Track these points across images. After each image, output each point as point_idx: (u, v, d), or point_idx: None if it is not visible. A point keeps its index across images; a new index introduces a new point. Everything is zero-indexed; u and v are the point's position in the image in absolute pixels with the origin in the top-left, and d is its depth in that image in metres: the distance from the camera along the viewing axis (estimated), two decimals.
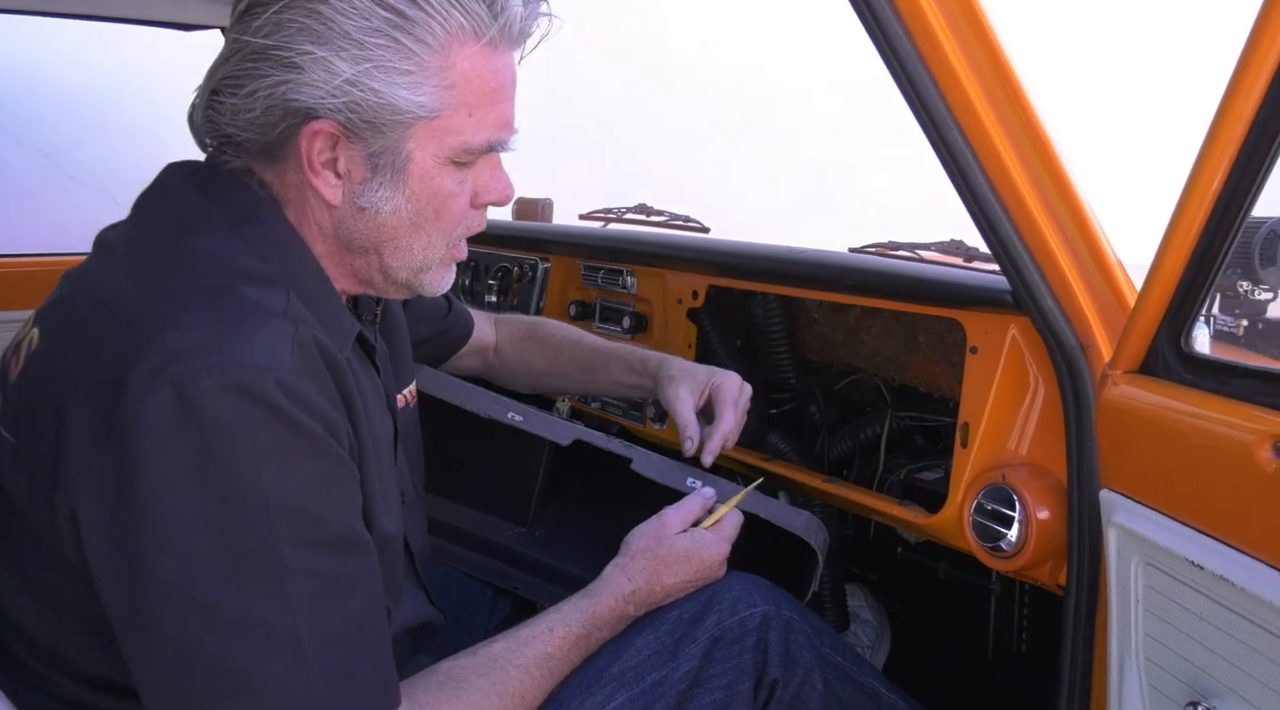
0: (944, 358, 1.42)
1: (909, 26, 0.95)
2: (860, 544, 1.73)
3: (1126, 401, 0.95)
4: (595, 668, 1.01)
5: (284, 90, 0.80)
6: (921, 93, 0.97)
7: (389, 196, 0.86)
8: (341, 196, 0.86)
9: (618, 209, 2.08)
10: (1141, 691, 0.92)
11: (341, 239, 0.89)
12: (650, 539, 1.08)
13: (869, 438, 1.55)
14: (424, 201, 0.87)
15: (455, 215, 0.90)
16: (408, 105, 0.82)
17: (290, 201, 0.87)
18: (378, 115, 0.82)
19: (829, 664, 1.09)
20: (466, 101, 0.85)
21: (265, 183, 0.87)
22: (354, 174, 0.85)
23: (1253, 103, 0.78)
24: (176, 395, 0.72)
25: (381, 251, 0.89)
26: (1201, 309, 0.90)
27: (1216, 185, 0.83)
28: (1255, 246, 0.99)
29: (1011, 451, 1.18)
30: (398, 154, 0.84)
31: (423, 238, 0.89)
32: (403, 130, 0.83)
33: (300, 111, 0.81)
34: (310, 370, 0.78)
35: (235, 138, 0.84)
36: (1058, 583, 1.11)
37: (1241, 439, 0.79)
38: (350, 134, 0.83)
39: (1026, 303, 1.05)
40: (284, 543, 0.74)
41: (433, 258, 0.91)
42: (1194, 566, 0.83)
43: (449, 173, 0.88)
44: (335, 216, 0.87)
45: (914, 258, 1.49)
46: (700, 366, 1.32)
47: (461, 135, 0.86)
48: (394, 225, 0.88)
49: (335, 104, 0.81)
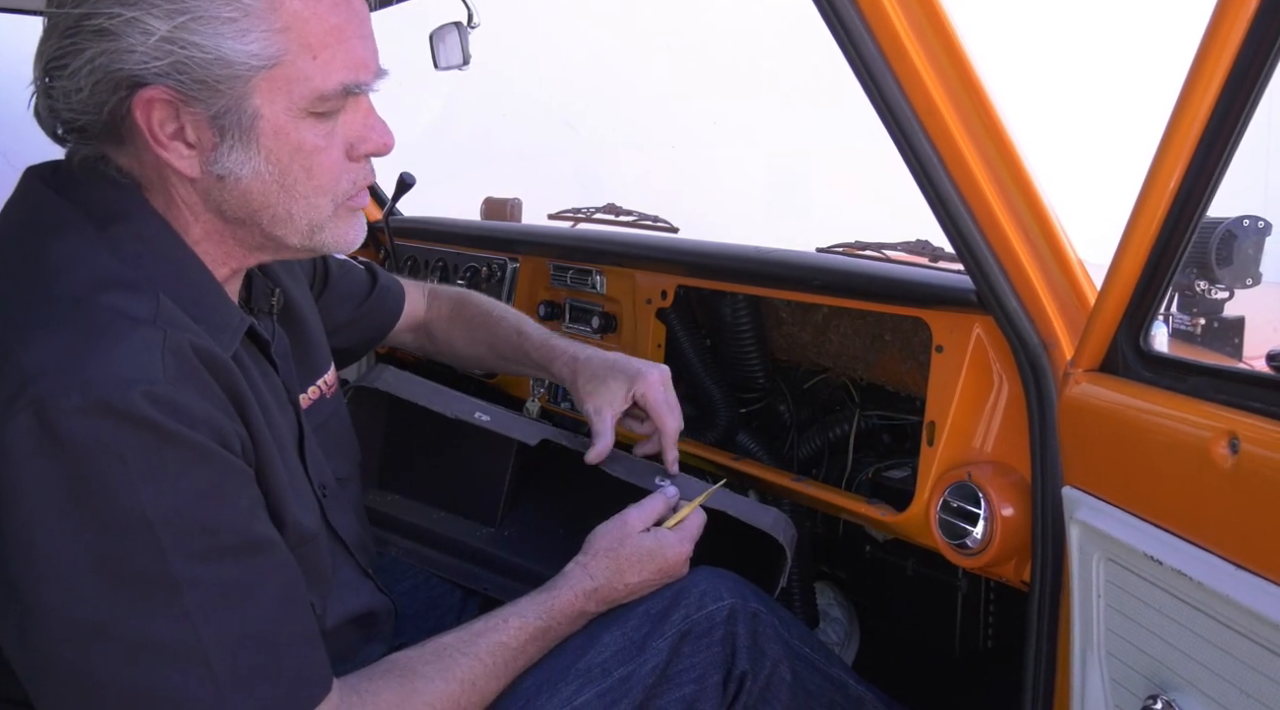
0: (910, 357, 1.43)
1: (873, 29, 0.95)
2: (829, 542, 1.74)
3: (1087, 399, 0.96)
4: (561, 663, 1.00)
5: (104, 61, 0.74)
6: (886, 95, 0.98)
7: (244, 159, 0.79)
8: (198, 167, 0.79)
9: (586, 209, 2.08)
10: (1103, 685, 0.93)
11: (216, 211, 0.82)
12: (613, 538, 1.07)
13: (837, 437, 1.56)
14: (286, 160, 0.80)
15: (330, 171, 0.83)
16: (238, 56, 0.75)
17: (152, 183, 0.81)
18: (208, 72, 0.75)
19: (797, 655, 1.09)
20: (308, 44, 0.77)
21: (123, 168, 0.81)
22: (203, 141, 0.78)
23: (1207, 104, 0.79)
24: (37, 419, 0.68)
25: (259, 221, 0.83)
26: (1159, 308, 0.91)
27: (1173, 186, 0.84)
28: (1211, 246, 1.01)
29: (977, 449, 1.19)
30: (242, 112, 0.77)
31: (299, 201, 0.82)
32: (241, 85, 0.76)
33: (125, 81, 0.75)
34: (187, 376, 0.74)
35: (75, 122, 0.78)
36: (1022, 579, 1.12)
37: (1198, 436, 0.80)
38: (186, 98, 0.76)
39: (990, 302, 1.06)
40: (173, 558, 0.71)
41: (320, 218, 0.85)
42: (1153, 562, 0.84)
43: (309, 126, 0.80)
44: (200, 189, 0.81)
45: (881, 257, 1.50)
46: (615, 367, 1.25)
47: (310, 82, 0.78)
48: (261, 190, 0.81)
49: (159, 67, 0.74)
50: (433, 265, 2.21)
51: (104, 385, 0.70)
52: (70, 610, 0.70)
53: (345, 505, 1.08)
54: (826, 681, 1.12)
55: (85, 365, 0.70)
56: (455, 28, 1.81)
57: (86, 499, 0.69)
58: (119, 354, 0.71)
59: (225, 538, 0.75)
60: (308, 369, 1.05)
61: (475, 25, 1.80)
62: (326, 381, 1.08)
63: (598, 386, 1.24)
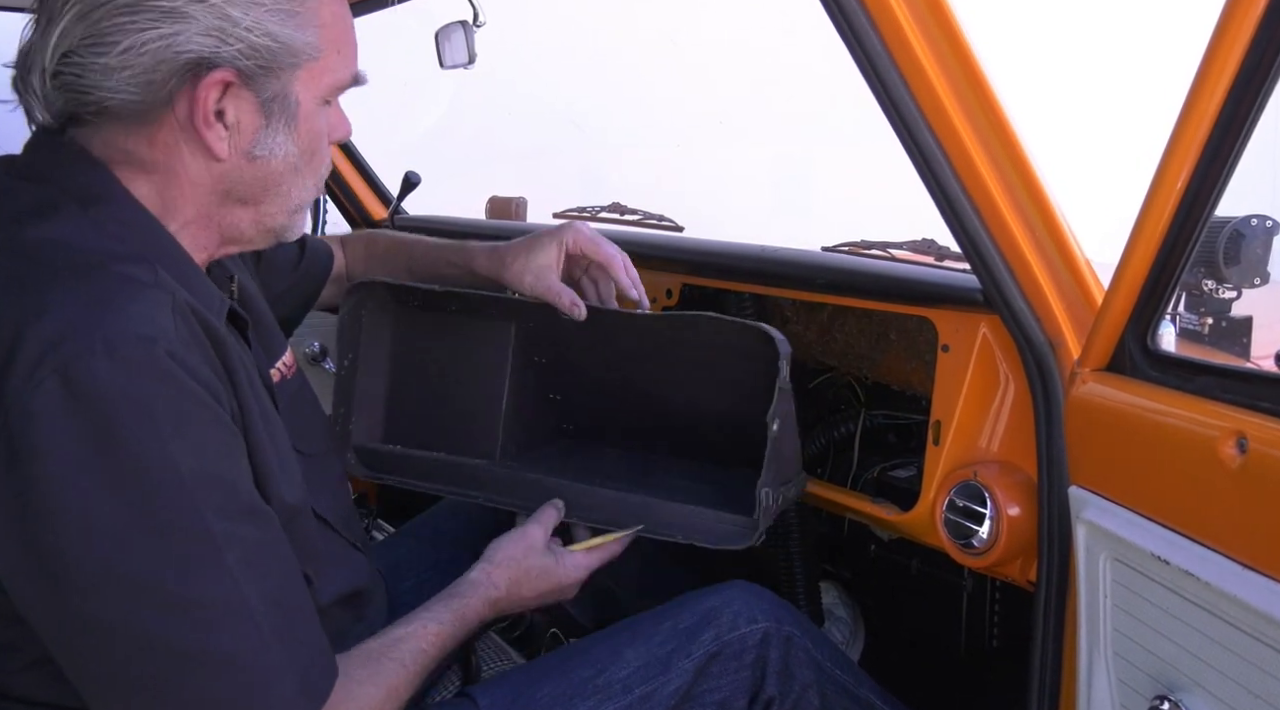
0: (916, 356, 1.43)
1: (879, 26, 0.95)
2: (834, 542, 1.73)
3: (1094, 399, 0.96)
4: (580, 676, 1.00)
5: (175, 41, 0.77)
6: (892, 92, 0.98)
7: (283, 142, 0.85)
8: (229, 149, 0.83)
9: (591, 208, 2.07)
10: (1110, 686, 0.93)
11: (219, 194, 0.86)
12: (516, 549, 1.09)
13: (842, 436, 1.56)
14: (307, 145, 0.87)
15: (323, 155, 0.91)
16: (301, 46, 0.82)
17: (158, 165, 0.83)
18: (274, 59, 0.81)
19: (828, 678, 1.09)
20: (335, 40, 0.86)
21: (129, 149, 0.82)
22: (244, 123, 0.83)
23: (1216, 103, 0.79)
24: (63, 382, 0.69)
25: (262, 200, 0.88)
26: (1167, 307, 0.91)
27: (1181, 185, 0.84)
28: (1219, 246, 1.00)
29: (983, 449, 1.19)
30: (288, 98, 0.84)
31: (300, 181, 0.89)
32: (291, 73, 0.83)
33: (193, 62, 0.78)
34: (192, 338, 0.76)
35: (103, 102, 0.79)
36: (1028, 579, 1.12)
37: (1206, 435, 0.80)
38: (246, 81, 0.81)
39: (997, 301, 1.05)
40: (207, 513, 0.72)
41: (305, 200, 0.91)
42: (1161, 562, 0.84)
43: (322, 113, 0.89)
44: (217, 171, 0.84)
45: (886, 256, 1.49)
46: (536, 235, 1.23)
47: (335, 74, 0.87)
48: (281, 171, 0.87)
49: (231, 52, 0.79)
50: None
51: (125, 342, 0.71)
52: (115, 568, 0.70)
53: (322, 481, 1.08)
54: (855, 704, 1.12)
55: (103, 325, 0.71)
56: (461, 26, 1.81)
57: (119, 455, 0.70)
58: (134, 313, 0.73)
59: (243, 499, 0.77)
60: (268, 352, 1.06)
61: (481, 24, 1.80)
62: (285, 363, 1.09)
63: (528, 257, 1.22)
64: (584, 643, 1.07)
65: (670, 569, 1.50)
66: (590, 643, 1.07)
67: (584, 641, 1.08)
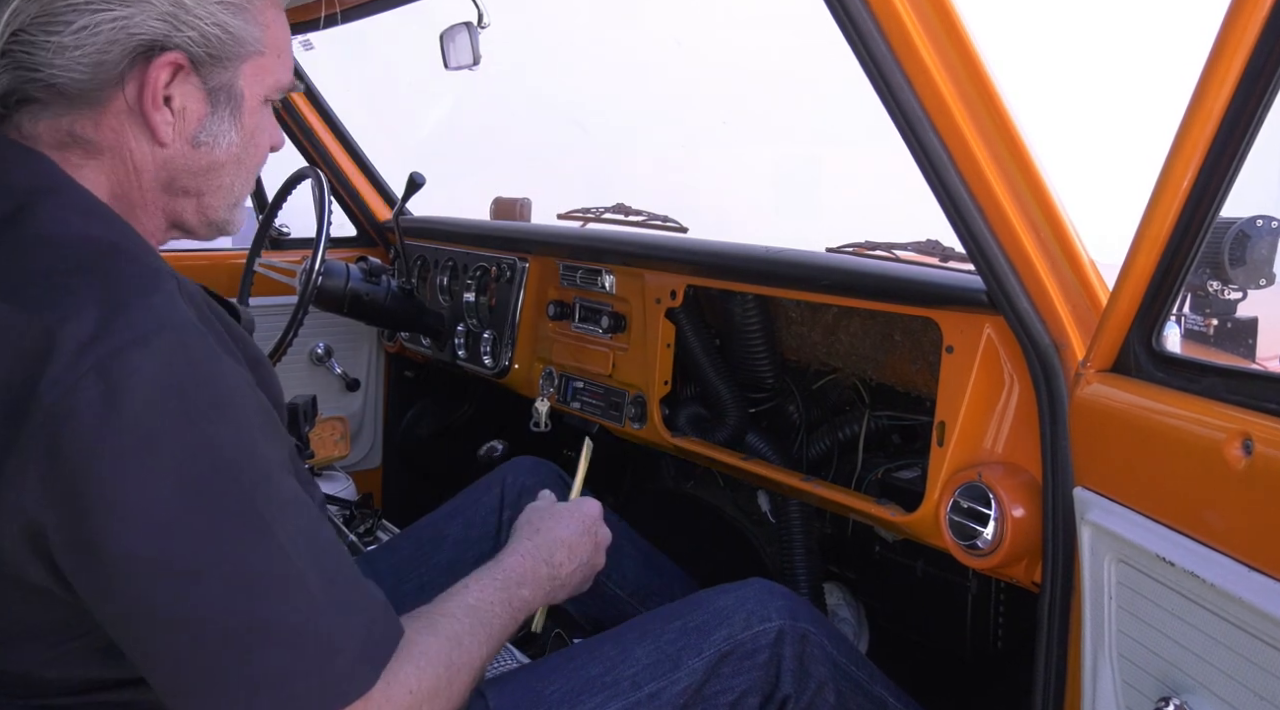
0: (920, 357, 1.43)
1: (884, 27, 0.95)
2: (838, 542, 1.73)
3: (1099, 400, 0.96)
4: (589, 673, 0.99)
5: (130, 23, 0.79)
6: (896, 93, 0.98)
7: (226, 131, 0.87)
8: (174, 134, 0.85)
9: (596, 208, 2.08)
10: (1115, 687, 0.93)
11: (162, 181, 0.87)
12: (531, 512, 1.14)
13: (847, 437, 1.56)
14: (248, 138, 0.90)
15: (263, 153, 0.94)
16: (249, 39, 0.86)
17: (103, 148, 0.84)
18: (223, 48, 0.84)
19: (843, 675, 1.08)
20: (276, 42, 0.90)
21: (74, 131, 0.83)
22: (189, 110, 0.85)
23: (1221, 103, 0.79)
24: (102, 381, 0.70)
25: (204, 191, 0.90)
26: (1172, 308, 0.91)
27: (1186, 186, 0.84)
28: (1224, 246, 1.00)
29: (987, 450, 1.19)
30: (234, 89, 0.87)
31: (242, 174, 0.92)
32: (239, 65, 0.86)
33: (146, 44, 0.80)
34: (204, 321, 0.78)
35: (51, 79, 0.80)
36: (1033, 580, 1.12)
37: (1211, 437, 0.80)
38: (195, 67, 0.83)
39: (1001, 302, 1.05)
40: (252, 488, 0.74)
41: (243, 194, 0.94)
42: (1165, 563, 0.84)
43: (263, 112, 0.92)
44: (161, 157, 0.86)
45: (890, 257, 1.49)
46: None
47: (275, 74, 0.90)
48: (223, 161, 0.89)
49: (183, 37, 0.81)
50: (442, 265, 2.22)
51: (156, 334, 0.72)
52: (168, 556, 0.71)
53: None
54: (868, 701, 1.12)
55: (132, 319, 0.73)
56: (465, 28, 1.82)
57: (161, 443, 0.71)
58: (156, 303, 0.74)
59: (285, 475, 0.78)
60: None
61: (485, 25, 1.81)
62: None
63: None
64: (593, 640, 1.07)
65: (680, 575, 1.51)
66: (600, 640, 1.06)
67: (594, 639, 1.08)
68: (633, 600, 1.41)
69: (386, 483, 2.47)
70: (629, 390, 1.73)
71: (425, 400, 2.45)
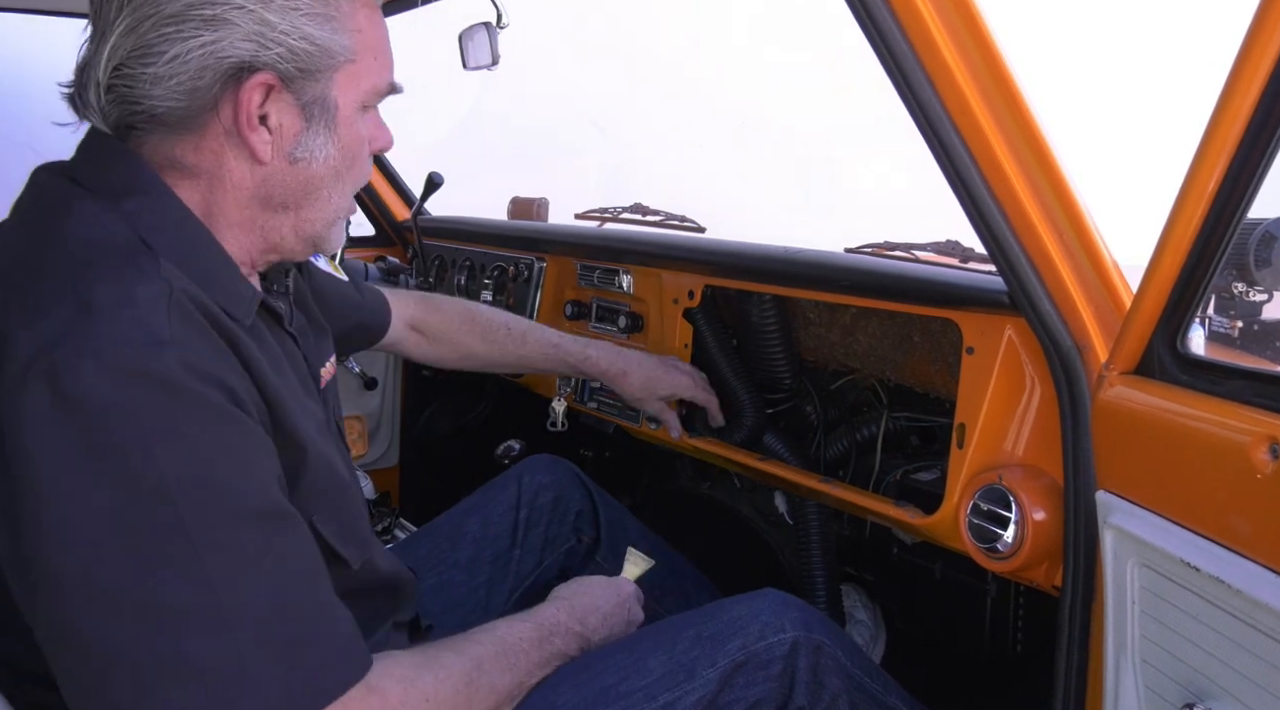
0: (940, 358, 1.42)
1: (905, 26, 0.94)
2: (856, 544, 1.73)
3: (1122, 403, 0.95)
4: (602, 683, 0.99)
5: (217, 48, 0.80)
6: (918, 93, 0.97)
7: (322, 144, 0.87)
8: (272, 152, 0.85)
9: (613, 208, 2.08)
10: (1137, 693, 0.92)
11: (260, 198, 0.87)
12: (575, 581, 1.18)
13: (865, 438, 1.55)
14: (347, 149, 0.89)
15: (364, 163, 0.93)
16: (337, 49, 0.85)
17: (203, 170, 0.85)
18: (312, 61, 0.83)
19: (857, 686, 1.08)
20: (370, 45, 0.88)
21: (176, 156, 0.84)
22: (285, 127, 0.85)
23: (1249, 104, 0.78)
24: (50, 387, 0.69)
25: (302, 206, 0.89)
26: (1197, 310, 0.90)
27: (1213, 186, 0.83)
28: (1250, 248, 0.99)
29: (1008, 452, 1.18)
30: (327, 101, 0.86)
31: (340, 187, 0.91)
32: (330, 75, 0.85)
33: (236, 67, 0.81)
34: (194, 333, 0.76)
35: (153, 111, 0.81)
36: (1053, 584, 1.11)
37: (1237, 440, 0.79)
38: (286, 84, 0.83)
39: (1023, 303, 1.04)
40: (191, 520, 0.72)
41: (342, 208, 0.93)
42: (1190, 568, 0.83)
43: (361, 119, 0.90)
44: (259, 175, 0.86)
45: (910, 258, 1.48)
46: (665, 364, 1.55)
47: (372, 78, 0.89)
48: (322, 175, 0.89)
49: (271, 55, 0.81)
50: (460, 264, 2.22)
51: (115, 346, 0.71)
52: (88, 576, 0.70)
53: None
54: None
55: (92, 330, 0.72)
56: (484, 28, 1.82)
57: (101, 461, 0.70)
58: (126, 315, 0.73)
59: (246, 501, 0.76)
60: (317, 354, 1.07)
61: (504, 25, 1.81)
62: (327, 369, 1.10)
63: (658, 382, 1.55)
64: (606, 649, 1.07)
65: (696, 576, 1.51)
66: (613, 650, 1.06)
67: (606, 648, 1.08)
68: (649, 601, 1.41)
69: (404, 481, 2.48)
70: None
71: (442, 399, 2.46)
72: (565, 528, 1.44)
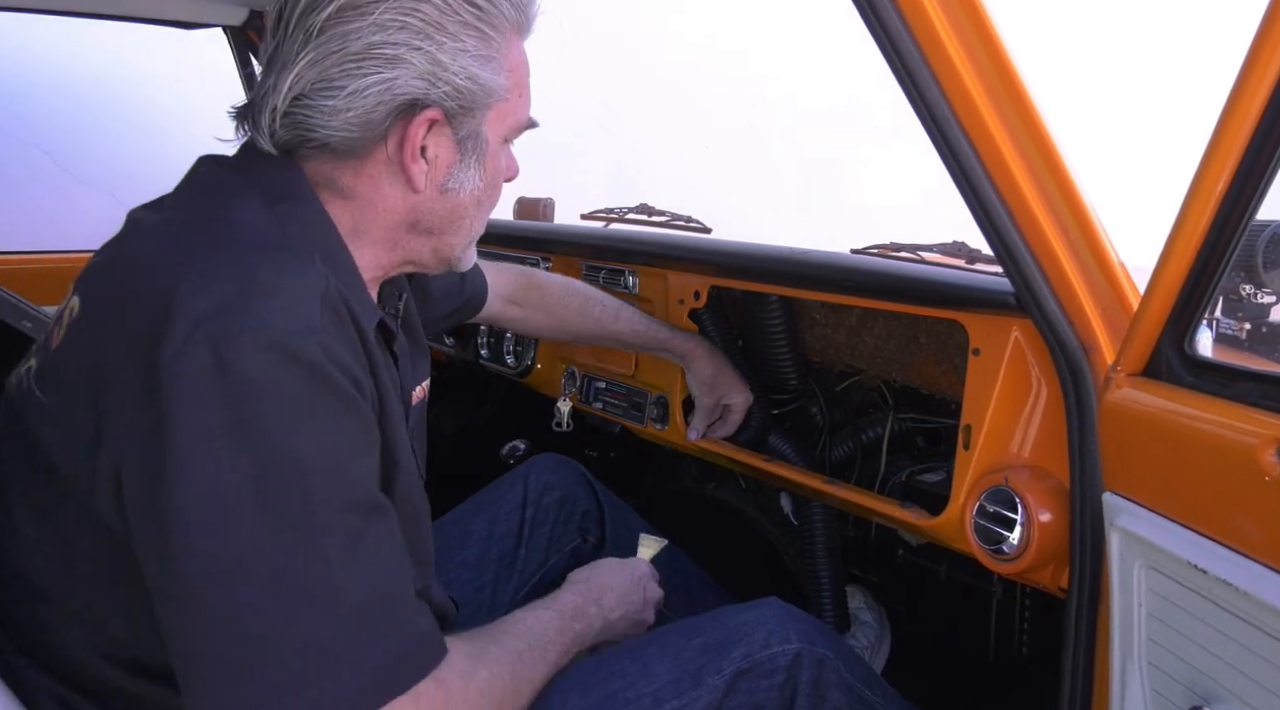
0: (946, 359, 1.42)
1: (912, 26, 0.94)
2: (861, 546, 1.72)
3: (1129, 404, 0.95)
4: (610, 689, 1.00)
5: (394, 84, 0.85)
6: (924, 93, 0.97)
7: (472, 176, 0.92)
8: (425, 182, 0.90)
9: (619, 209, 2.08)
10: (1144, 695, 0.91)
11: (408, 223, 0.93)
12: (590, 565, 1.19)
13: (870, 439, 1.55)
14: (490, 180, 0.95)
15: (498, 192, 0.98)
16: (496, 87, 0.90)
17: (357, 194, 0.90)
18: (474, 98, 0.88)
19: (859, 700, 1.09)
20: (518, 83, 0.93)
21: (335, 179, 0.89)
22: (441, 159, 0.90)
23: (1258, 105, 0.78)
24: (212, 353, 0.73)
25: (445, 231, 0.95)
26: (1205, 312, 0.89)
27: (1221, 188, 0.82)
28: (1259, 250, 0.98)
29: (1014, 454, 1.18)
30: (480, 136, 0.91)
31: (480, 214, 0.97)
32: (484, 112, 0.90)
33: (408, 103, 0.86)
34: (339, 330, 0.81)
35: (326, 139, 0.87)
36: (1059, 586, 1.11)
37: (1245, 442, 0.78)
38: (449, 119, 0.88)
39: (1029, 305, 1.04)
40: (317, 499, 0.76)
41: (478, 233, 0.99)
42: (1197, 570, 0.83)
43: (504, 153, 0.96)
44: (411, 202, 0.91)
45: (916, 259, 1.48)
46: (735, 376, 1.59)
47: (517, 115, 0.94)
48: (466, 205, 0.94)
49: (439, 93, 0.86)
50: None
51: (274, 325, 0.75)
52: (217, 536, 0.73)
53: None
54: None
55: (257, 309, 0.76)
56: None
57: (247, 430, 0.74)
58: (286, 300, 0.77)
59: (359, 491, 0.80)
60: (413, 373, 1.09)
61: None
62: (423, 388, 1.14)
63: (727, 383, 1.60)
64: (613, 655, 1.07)
65: (700, 576, 1.51)
66: (619, 655, 1.06)
67: (613, 653, 1.08)
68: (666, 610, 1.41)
69: None
70: (651, 391, 1.73)
71: (448, 399, 2.47)
72: (571, 527, 1.44)
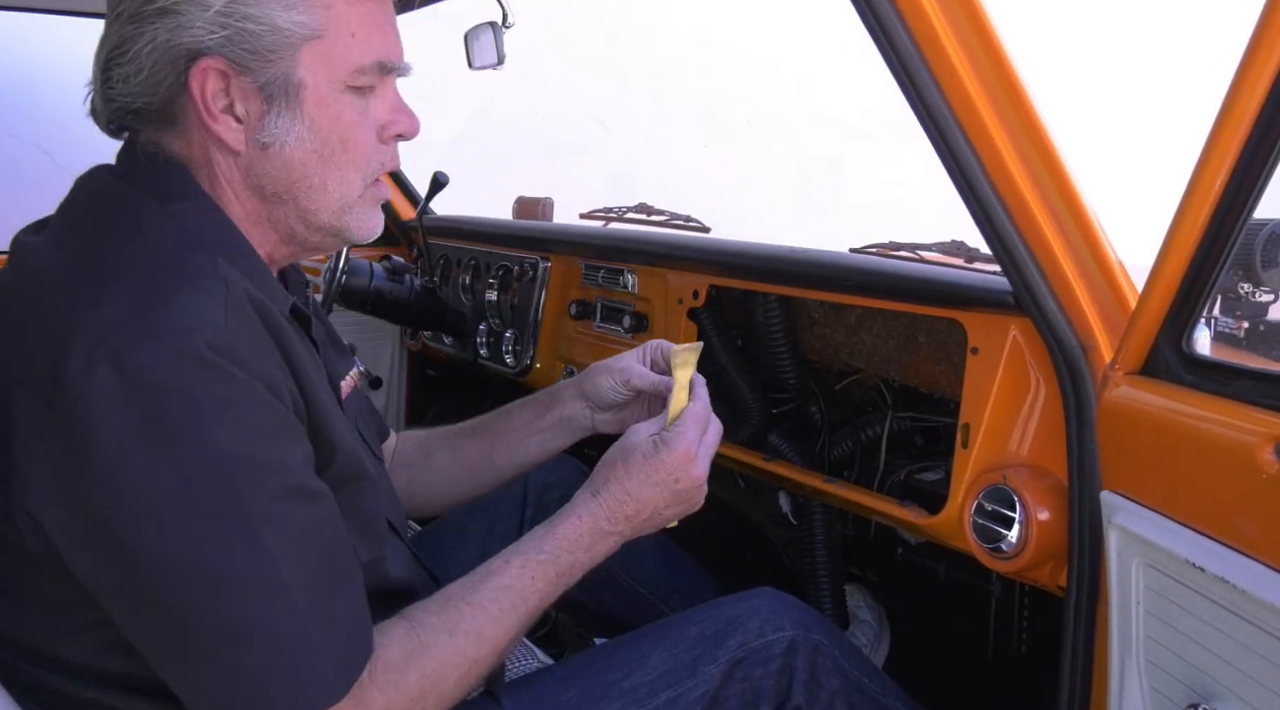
0: (944, 358, 1.42)
1: (911, 26, 0.94)
2: (860, 544, 1.72)
3: (1128, 403, 0.95)
4: (606, 680, 1.00)
5: (165, 38, 0.81)
6: (923, 92, 0.97)
7: (289, 126, 0.85)
8: (244, 140, 0.85)
9: (618, 208, 2.08)
10: (1142, 693, 0.92)
11: (255, 189, 0.88)
12: (614, 452, 1.02)
13: (869, 438, 1.55)
14: (326, 130, 0.86)
15: (363, 147, 0.89)
16: (287, 24, 0.82)
17: (199, 163, 0.87)
18: (260, 41, 0.82)
19: (855, 687, 1.08)
20: (347, 21, 0.85)
21: (173, 152, 0.86)
22: (251, 112, 0.84)
23: (1255, 104, 0.78)
24: (116, 369, 0.73)
25: (296, 194, 0.88)
26: (1203, 311, 0.90)
27: (1218, 186, 0.83)
28: (1257, 248, 0.98)
29: (1012, 452, 1.18)
30: (289, 81, 0.84)
31: (334, 172, 0.88)
32: (289, 54, 0.83)
33: (184, 55, 0.81)
34: (246, 329, 0.79)
35: (131, 106, 0.84)
36: (1058, 584, 1.11)
37: (1243, 441, 0.79)
38: (239, 68, 0.82)
39: (1028, 303, 1.04)
40: (247, 493, 0.76)
41: (350, 195, 0.90)
42: (1195, 569, 0.83)
43: (347, 100, 0.87)
44: (242, 164, 0.86)
45: (915, 258, 1.48)
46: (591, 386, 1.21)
47: (349, 55, 0.86)
48: (301, 160, 0.86)
49: (216, 39, 0.81)
50: (465, 264, 2.23)
51: (174, 334, 0.74)
52: (157, 547, 0.74)
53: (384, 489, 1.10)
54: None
55: (156, 317, 0.75)
56: (490, 27, 1.82)
57: (165, 438, 0.74)
58: (184, 303, 0.77)
59: (289, 478, 0.79)
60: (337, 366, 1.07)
61: (510, 25, 1.81)
62: (353, 376, 1.13)
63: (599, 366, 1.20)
64: (609, 645, 1.07)
65: (699, 574, 1.51)
66: (616, 646, 1.07)
67: (609, 644, 1.08)
68: (654, 598, 1.41)
69: None
70: None
71: (447, 399, 2.47)
72: None
